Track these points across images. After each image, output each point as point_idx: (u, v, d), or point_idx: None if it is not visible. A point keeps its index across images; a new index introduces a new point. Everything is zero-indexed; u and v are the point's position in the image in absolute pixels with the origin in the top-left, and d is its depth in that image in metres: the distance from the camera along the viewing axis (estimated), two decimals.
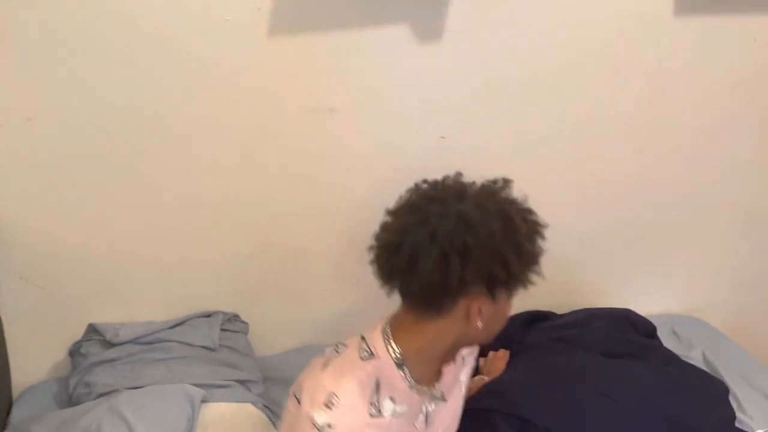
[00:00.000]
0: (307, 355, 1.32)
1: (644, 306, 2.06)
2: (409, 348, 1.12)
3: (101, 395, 1.53)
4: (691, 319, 2.11)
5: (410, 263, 1.05)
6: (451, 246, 1.03)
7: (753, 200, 2.05)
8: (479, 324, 1.08)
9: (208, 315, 1.78)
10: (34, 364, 1.73)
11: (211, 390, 1.55)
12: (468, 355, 1.29)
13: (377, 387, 1.10)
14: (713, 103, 1.86)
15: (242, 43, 1.52)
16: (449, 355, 1.18)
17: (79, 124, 1.52)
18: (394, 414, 1.11)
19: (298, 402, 1.09)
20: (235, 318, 1.80)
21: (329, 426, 1.04)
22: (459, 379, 1.26)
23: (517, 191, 1.20)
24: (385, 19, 1.57)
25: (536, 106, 1.75)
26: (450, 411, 1.25)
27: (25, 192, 1.57)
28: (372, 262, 1.12)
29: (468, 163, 1.47)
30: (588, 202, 1.93)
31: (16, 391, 1.71)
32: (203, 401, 1.50)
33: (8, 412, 1.64)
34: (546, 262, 1.96)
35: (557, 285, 1.97)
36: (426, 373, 1.16)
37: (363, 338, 1.15)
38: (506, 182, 1.17)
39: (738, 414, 1.60)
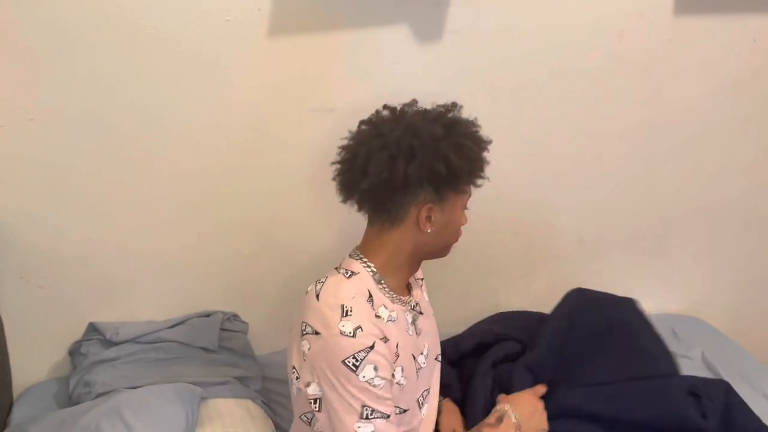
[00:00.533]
0: None
1: (644, 306, 2.06)
2: (378, 261, 1.24)
3: (101, 395, 1.53)
4: (691, 319, 2.12)
5: (362, 169, 1.19)
6: (398, 149, 1.17)
7: (753, 200, 2.05)
8: (428, 229, 1.20)
9: (207, 315, 1.77)
10: (34, 364, 1.73)
11: (209, 387, 1.56)
12: (422, 283, 1.41)
13: (370, 296, 1.20)
14: (713, 103, 1.86)
15: (242, 43, 1.52)
16: (414, 265, 1.29)
17: (80, 125, 1.52)
18: (390, 318, 1.22)
19: (316, 333, 1.15)
20: (234, 318, 1.80)
21: (360, 329, 1.13)
22: (424, 297, 1.39)
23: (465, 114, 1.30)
24: (385, 19, 1.57)
25: (536, 105, 1.75)
26: (430, 327, 1.36)
27: (26, 192, 1.57)
28: (334, 179, 1.26)
29: None
30: (588, 202, 1.93)
31: (16, 391, 1.71)
32: (202, 398, 1.51)
33: (8, 412, 1.64)
34: (546, 262, 1.99)
35: (557, 285, 1.98)
36: (398, 285, 1.26)
37: (338, 267, 1.25)
38: (454, 105, 1.29)
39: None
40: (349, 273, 1.23)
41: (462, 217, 1.27)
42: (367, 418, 1.13)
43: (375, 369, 1.13)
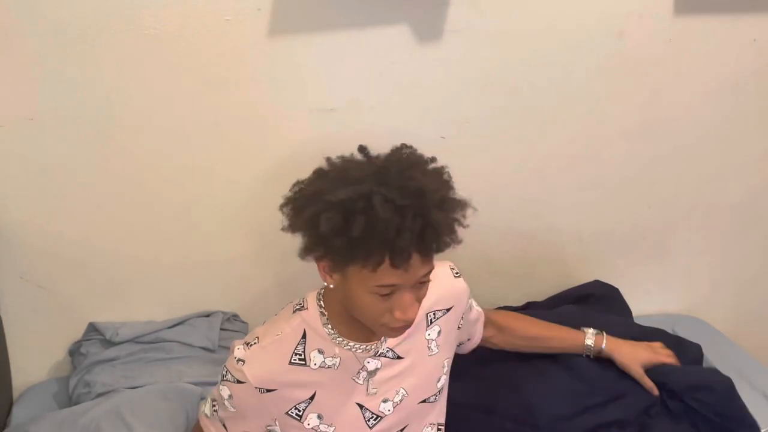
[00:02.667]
0: None
1: (644, 306, 2.06)
2: (330, 305, 1.16)
3: (101, 394, 1.54)
4: (691, 319, 2.11)
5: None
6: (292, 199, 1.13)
7: (753, 200, 2.05)
8: (330, 284, 1.09)
9: (208, 315, 1.78)
10: (34, 364, 1.74)
11: (210, 387, 1.54)
12: (442, 316, 1.25)
13: (304, 337, 1.15)
14: (713, 104, 1.86)
15: (242, 43, 1.52)
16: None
17: (80, 124, 1.52)
18: (324, 365, 1.16)
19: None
20: (234, 318, 1.80)
21: (240, 360, 1.14)
22: (425, 338, 1.23)
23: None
24: (384, 19, 1.57)
25: (536, 106, 1.75)
26: (416, 370, 1.23)
27: (26, 192, 1.57)
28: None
29: (468, 163, 1.47)
30: (588, 202, 1.93)
31: (16, 392, 1.72)
32: (202, 398, 1.50)
33: (8, 413, 1.64)
34: (546, 262, 1.99)
35: (557, 285, 1.98)
36: (357, 330, 1.15)
37: (303, 297, 1.21)
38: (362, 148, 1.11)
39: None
40: (301, 306, 1.19)
41: (373, 301, 1.03)
42: (214, 410, 1.23)
43: (230, 397, 1.17)
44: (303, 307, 1.19)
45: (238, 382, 1.14)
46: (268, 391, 1.15)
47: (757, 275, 2.18)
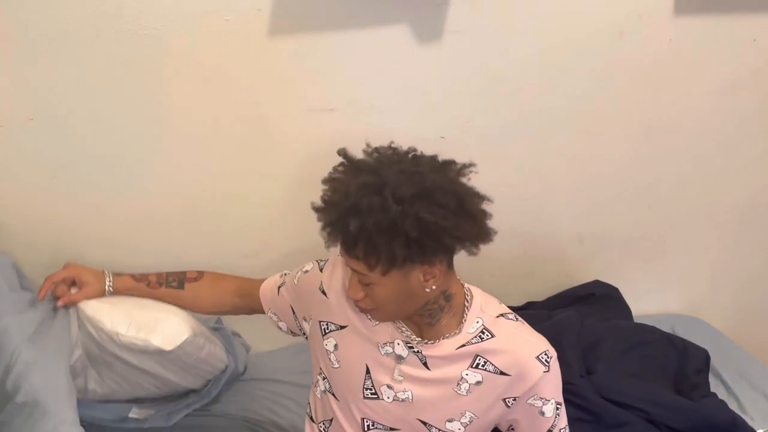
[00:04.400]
0: (304, 352, 1.35)
1: (644, 306, 2.06)
2: None
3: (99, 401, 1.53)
4: (691, 319, 2.12)
5: None
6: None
7: (752, 200, 2.05)
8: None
9: (215, 329, 1.76)
10: None
11: None
12: (492, 371, 1.19)
13: None
14: (713, 103, 1.86)
15: (242, 43, 1.52)
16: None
17: (80, 124, 1.52)
18: (368, 317, 1.22)
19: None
20: (236, 336, 1.76)
21: (331, 264, 1.29)
22: (461, 374, 1.19)
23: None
24: (384, 19, 1.57)
25: (536, 106, 1.75)
26: (433, 390, 1.21)
27: (26, 192, 1.57)
28: None
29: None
30: (588, 202, 1.93)
31: None
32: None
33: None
34: (546, 262, 1.99)
35: (557, 285, 1.98)
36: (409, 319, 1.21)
37: None
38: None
39: (738, 414, 1.60)
40: None
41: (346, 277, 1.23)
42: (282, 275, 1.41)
43: (305, 272, 1.33)
44: None
45: (321, 270, 1.30)
46: (324, 294, 1.27)
47: (757, 275, 2.19)
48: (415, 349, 1.21)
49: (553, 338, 1.65)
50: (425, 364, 1.21)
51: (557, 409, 1.22)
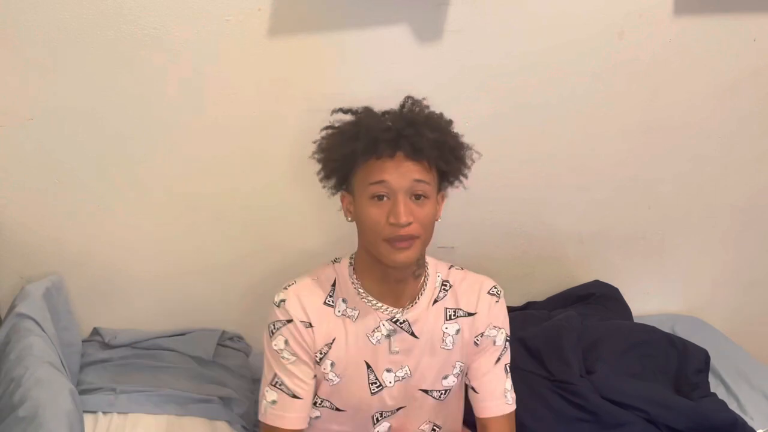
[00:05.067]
0: None
1: (644, 306, 2.06)
2: (357, 258, 1.27)
3: (85, 391, 1.54)
4: (691, 319, 2.11)
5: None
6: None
7: (752, 200, 2.04)
8: (348, 217, 1.23)
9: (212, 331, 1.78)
10: None
11: (189, 405, 1.55)
12: (463, 316, 1.29)
13: (334, 286, 1.25)
14: (712, 103, 1.86)
15: (242, 43, 1.52)
16: (377, 268, 1.22)
17: (80, 125, 1.52)
18: (345, 314, 1.24)
19: None
20: (238, 338, 1.80)
21: (283, 302, 1.23)
22: (441, 330, 1.28)
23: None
24: (385, 19, 1.57)
25: (536, 106, 1.75)
26: (425, 356, 1.27)
27: (26, 192, 1.57)
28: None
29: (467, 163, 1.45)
30: (588, 202, 1.93)
31: None
32: (175, 415, 1.51)
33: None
34: (546, 262, 1.99)
35: (557, 285, 1.98)
36: (375, 288, 1.24)
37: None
38: (408, 99, 1.28)
39: (738, 414, 1.60)
40: (336, 260, 1.30)
41: (373, 209, 1.16)
42: (275, 385, 1.23)
43: (285, 343, 1.22)
44: (337, 260, 1.30)
45: (287, 322, 1.22)
46: (310, 326, 1.23)
47: (757, 275, 2.18)
48: (400, 321, 1.25)
49: (553, 338, 1.67)
50: (412, 334, 1.26)
51: (507, 341, 1.33)
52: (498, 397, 1.30)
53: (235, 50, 1.52)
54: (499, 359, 1.31)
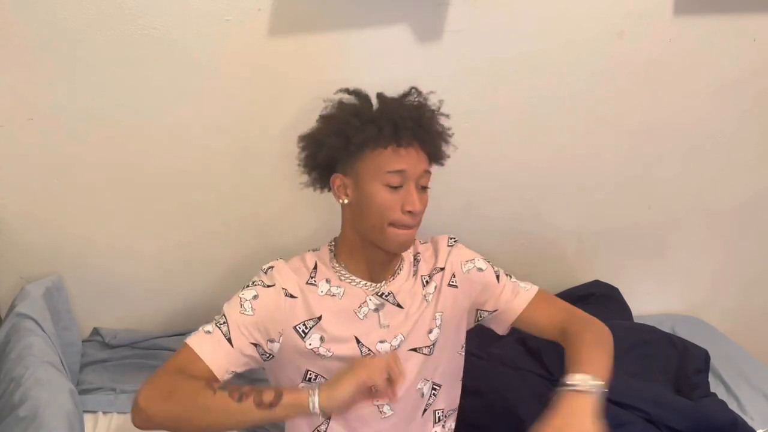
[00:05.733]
0: None
1: (644, 306, 2.07)
2: (339, 243, 1.30)
3: (85, 391, 1.54)
4: (691, 318, 2.12)
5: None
6: (318, 123, 1.30)
7: (752, 200, 2.05)
8: (344, 200, 1.24)
9: None
10: None
11: None
12: (435, 274, 1.35)
13: (315, 268, 1.28)
14: (713, 103, 1.86)
15: (242, 43, 1.52)
16: (371, 250, 1.27)
17: (80, 124, 1.52)
18: (329, 293, 1.26)
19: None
20: None
21: (270, 267, 1.25)
22: (421, 294, 1.33)
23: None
24: (385, 19, 1.57)
25: (536, 105, 1.75)
26: (411, 319, 1.30)
27: (26, 192, 1.57)
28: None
29: (468, 164, 1.47)
30: (588, 202, 1.93)
31: None
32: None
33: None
34: (546, 262, 1.99)
35: (557, 285, 1.98)
36: (359, 267, 1.28)
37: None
38: (412, 90, 1.31)
39: (738, 414, 1.60)
40: (315, 249, 1.33)
41: (385, 194, 1.20)
42: (217, 324, 1.19)
43: (254, 297, 1.21)
44: (316, 249, 1.33)
45: (267, 286, 1.23)
46: (292, 297, 1.23)
47: (757, 275, 2.19)
48: (385, 293, 1.29)
49: None
50: (398, 305, 1.30)
51: (486, 261, 1.38)
52: (519, 290, 1.37)
53: (235, 50, 1.52)
54: (497, 276, 1.37)
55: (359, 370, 1.14)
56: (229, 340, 1.18)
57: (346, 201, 1.25)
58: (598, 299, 1.92)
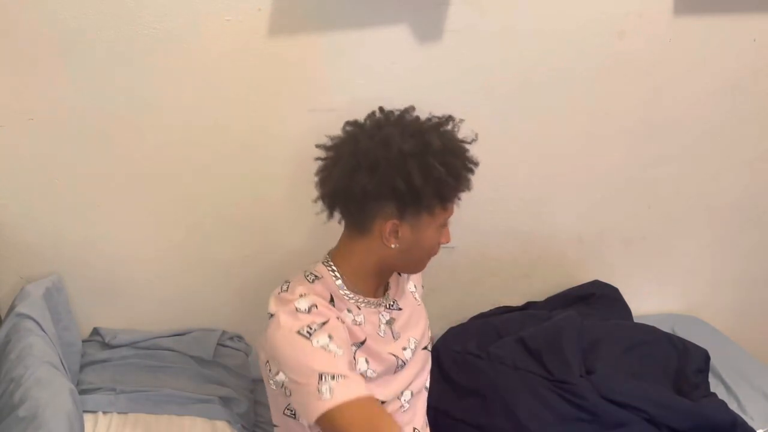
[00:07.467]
0: None
1: (644, 306, 2.07)
2: (345, 268, 1.25)
3: (85, 391, 1.54)
4: (691, 318, 2.12)
5: (329, 172, 1.22)
6: (364, 159, 1.15)
7: (753, 200, 2.05)
8: (393, 245, 1.20)
9: (212, 331, 1.79)
10: None
11: (189, 405, 1.55)
12: (408, 275, 1.42)
13: (332, 300, 1.23)
14: (713, 103, 1.86)
15: (242, 43, 1.52)
16: (384, 275, 1.30)
17: (80, 124, 1.52)
18: (355, 322, 1.25)
19: (272, 315, 1.17)
20: (238, 338, 1.81)
21: (315, 306, 1.16)
22: (405, 289, 1.40)
23: (467, 131, 1.28)
24: (384, 19, 1.57)
25: (536, 105, 1.75)
26: (413, 318, 1.37)
27: (26, 192, 1.57)
28: (316, 175, 1.27)
29: None
30: (588, 202, 1.93)
31: None
32: (176, 415, 1.52)
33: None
34: (546, 262, 1.99)
35: (557, 285, 1.98)
36: (367, 289, 1.28)
37: (305, 270, 1.26)
38: (450, 119, 1.25)
39: (738, 414, 1.60)
40: (313, 277, 1.25)
41: (436, 236, 1.25)
42: (326, 380, 1.09)
43: (329, 337, 1.13)
44: (317, 277, 1.24)
45: (323, 323, 1.15)
46: (341, 320, 1.20)
47: (757, 275, 2.18)
48: (390, 303, 1.34)
49: (553, 338, 1.67)
50: (399, 309, 1.35)
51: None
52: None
53: (235, 50, 1.52)
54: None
55: None
56: (350, 371, 1.13)
57: (394, 246, 1.20)
58: (598, 299, 1.92)
